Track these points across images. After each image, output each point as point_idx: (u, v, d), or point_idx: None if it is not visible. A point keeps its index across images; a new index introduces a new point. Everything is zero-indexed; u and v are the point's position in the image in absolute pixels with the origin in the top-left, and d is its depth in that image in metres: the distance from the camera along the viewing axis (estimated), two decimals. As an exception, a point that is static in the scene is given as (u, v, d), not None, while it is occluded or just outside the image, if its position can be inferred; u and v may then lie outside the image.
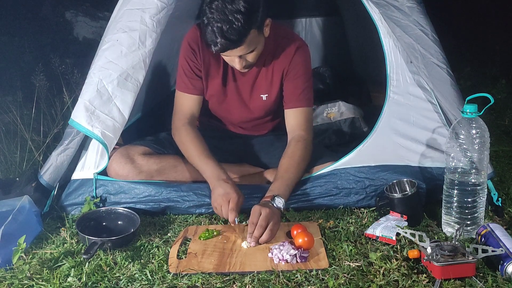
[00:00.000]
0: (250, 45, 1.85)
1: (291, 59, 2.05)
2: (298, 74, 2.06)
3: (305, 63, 2.09)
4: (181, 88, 2.12)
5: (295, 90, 2.07)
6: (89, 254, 1.59)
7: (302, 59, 2.07)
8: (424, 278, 1.48)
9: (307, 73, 2.09)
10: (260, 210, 1.72)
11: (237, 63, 1.90)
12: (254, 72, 2.09)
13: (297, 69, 2.06)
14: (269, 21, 1.92)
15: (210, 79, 2.11)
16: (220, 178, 1.88)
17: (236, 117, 2.23)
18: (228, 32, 1.75)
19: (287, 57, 2.06)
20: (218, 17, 1.75)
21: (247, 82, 2.11)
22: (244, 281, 1.50)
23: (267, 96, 2.12)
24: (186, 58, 2.09)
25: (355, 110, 2.75)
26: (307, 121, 2.08)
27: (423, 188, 1.93)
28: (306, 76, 2.09)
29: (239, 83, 2.12)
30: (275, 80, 2.09)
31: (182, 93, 2.12)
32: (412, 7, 1.98)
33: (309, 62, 2.12)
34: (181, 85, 2.12)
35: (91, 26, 5.16)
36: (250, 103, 2.16)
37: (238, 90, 2.13)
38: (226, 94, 2.14)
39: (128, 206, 1.95)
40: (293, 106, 2.07)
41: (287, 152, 1.98)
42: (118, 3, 2.11)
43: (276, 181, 1.89)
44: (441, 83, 1.94)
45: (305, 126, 2.06)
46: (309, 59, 2.12)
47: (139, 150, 2.06)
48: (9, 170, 2.48)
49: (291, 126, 2.07)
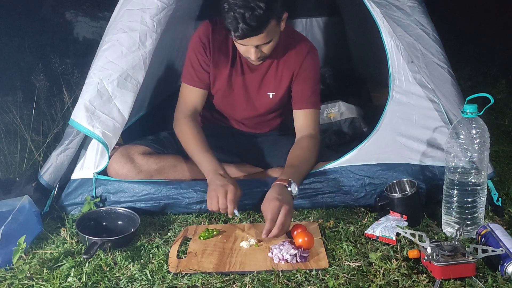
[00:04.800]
0: (268, 35, 1.86)
1: (302, 61, 2.08)
2: (308, 77, 2.10)
3: (315, 67, 2.13)
4: (187, 81, 2.13)
5: (305, 92, 2.10)
6: (89, 254, 1.59)
7: (312, 62, 2.11)
8: (424, 278, 1.48)
9: (316, 76, 2.13)
10: (281, 206, 1.68)
11: (253, 53, 1.90)
12: (263, 69, 2.10)
13: (308, 72, 2.09)
14: (286, 14, 1.93)
15: (218, 74, 2.12)
16: (217, 172, 1.87)
17: (240, 113, 2.24)
18: (250, 19, 1.76)
19: (299, 58, 2.08)
20: (241, 3, 1.75)
21: (255, 79, 2.12)
22: (244, 281, 1.50)
23: (273, 95, 2.14)
24: (195, 51, 2.10)
25: (355, 110, 2.74)
26: (316, 122, 2.12)
27: (423, 188, 1.93)
28: (316, 79, 2.13)
29: (247, 79, 2.13)
30: (284, 79, 2.11)
31: (187, 85, 2.13)
32: (413, 7, 1.99)
33: (318, 65, 2.16)
34: (187, 77, 2.13)
35: (91, 26, 5.16)
36: (256, 100, 2.17)
37: (245, 86, 2.14)
38: (232, 89, 2.15)
39: (128, 205, 1.95)
40: (303, 107, 2.10)
41: (298, 145, 2.01)
42: (118, 3, 2.11)
43: (290, 168, 1.89)
44: (442, 82, 1.94)
45: (314, 126, 2.09)
46: (319, 63, 2.17)
47: (139, 149, 2.06)
48: (9, 170, 2.48)
49: (301, 126, 2.10)
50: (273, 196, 1.72)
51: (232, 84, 2.14)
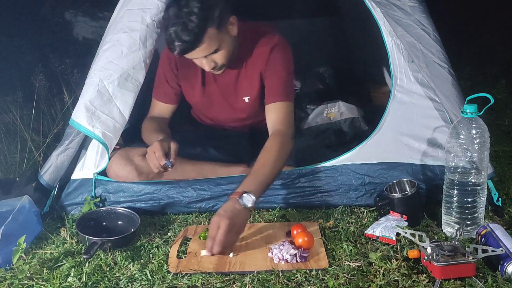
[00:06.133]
0: (211, 45, 1.83)
1: (267, 59, 2.02)
2: (275, 70, 2.02)
3: (282, 60, 2.04)
4: (154, 95, 2.19)
5: (273, 85, 2.03)
6: (89, 254, 1.59)
7: (278, 56, 2.03)
8: (424, 278, 1.48)
9: (285, 69, 2.04)
10: (219, 222, 1.61)
11: (204, 64, 1.90)
12: (234, 75, 2.08)
13: (274, 66, 2.03)
14: (233, 19, 1.89)
15: (190, 88, 2.13)
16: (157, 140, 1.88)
17: (224, 119, 2.25)
18: (183, 34, 1.76)
19: (263, 57, 2.03)
20: (173, 21, 1.77)
21: (229, 85, 2.11)
22: (244, 281, 1.50)
23: (249, 98, 2.11)
24: (163, 68, 2.15)
25: (355, 110, 2.74)
26: (286, 115, 1.99)
27: (423, 188, 1.93)
28: (284, 71, 2.04)
29: (221, 86, 2.11)
30: (254, 81, 2.07)
31: (154, 99, 2.19)
32: (413, 7, 1.99)
33: (287, 58, 2.06)
34: (155, 92, 2.19)
35: (91, 26, 5.16)
36: (236, 105, 2.16)
37: (222, 93, 2.13)
38: (211, 100, 2.16)
39: (128, 205, 1.95)
40: (271, 100, 2.01)
41: (265, 146, 1.88)
42: (119, 3, 2.11)
43: (250, 176, 1.79)
44: (442, 82, 1.94)
45: (283, 120, 1.97)
46: (287, 55, 2.07)
47: (139, 151, 2.06)
48: (9, 170, 2.48)
49: (270, 121, 1.99)
50: (218, 211, 1.67)
51: (208, 94, 2.14)
